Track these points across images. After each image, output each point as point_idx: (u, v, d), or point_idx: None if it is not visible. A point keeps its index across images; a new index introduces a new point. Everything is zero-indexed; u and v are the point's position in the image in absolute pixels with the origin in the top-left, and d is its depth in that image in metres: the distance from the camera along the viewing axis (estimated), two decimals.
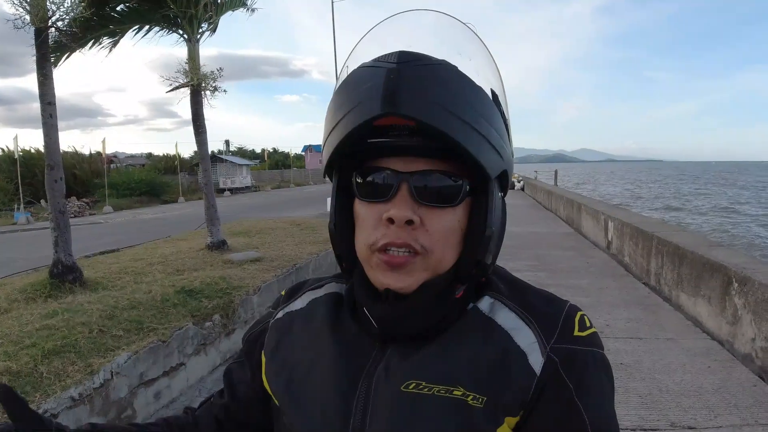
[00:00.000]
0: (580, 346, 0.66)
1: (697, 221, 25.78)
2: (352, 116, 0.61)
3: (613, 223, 8.44)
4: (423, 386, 0.65)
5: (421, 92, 0.58)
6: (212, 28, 7.17)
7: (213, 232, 6.97)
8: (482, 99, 0.63)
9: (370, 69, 0.61)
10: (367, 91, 0.60)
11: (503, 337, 0.67)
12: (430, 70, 0.60)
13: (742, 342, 4.09)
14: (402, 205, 0.63)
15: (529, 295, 0.73)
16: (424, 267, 0.65)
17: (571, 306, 0.71)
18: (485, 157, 0.62)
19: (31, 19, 4.73)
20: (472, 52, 0.69)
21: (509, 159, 0.68)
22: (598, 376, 0.66)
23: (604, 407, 0.66)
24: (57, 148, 4.91)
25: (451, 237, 0.66)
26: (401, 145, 0.63)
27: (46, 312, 3.81)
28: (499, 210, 0.69)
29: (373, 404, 0.66)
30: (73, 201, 24.26)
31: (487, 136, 0.62)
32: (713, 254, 4.90)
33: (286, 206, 20.26)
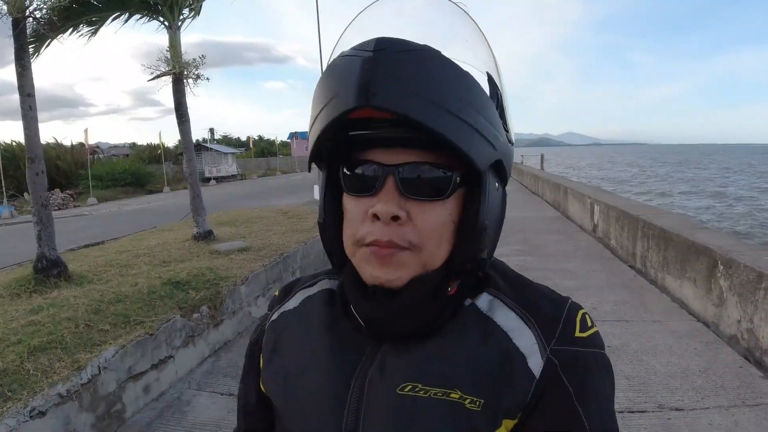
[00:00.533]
0: (582, 348, 0.65)
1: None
2: (329, 109, 0.59)
3: (599, 206, 8.49)
4: (419, 389, 0.63)
5: (397, 82, 0.55)
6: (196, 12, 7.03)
7: (199, 222, 6.91)
8: (470, 86, 0.59)
9: (348, 58, 0.58)
10: (343, 82, 0.57)
11: (502, 338, 0.65)
12: (409, 57, 0.56)
13: (728, 324, 4.15)
14: (388, 199, 0.61)
15: (529, 292, 0.70)
16: (415, 261, 0.62)
17: (572, 305, 0.69)
18: (473, 148, 0.58)
19: (8, 9, 4.62)
20: (467, 34, 0.65)
21: (505, 148, 0.65)
22: (600, 379, 0.65)
23: (604, 410, 0.64)
24: (37, 140, 4.82)
25: (441, 232, 0.63)
26: (386, 136, 0.60)
27: (31, 308, 3.76)
28: (496, 202, 0.66)
29: (367, 404, 0.65)
30: (57, 193, 23.96)
31: (476, 125, 0.58)
32: (698, 237, 4.96)
33: (272, 194, 20.17)
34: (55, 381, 2.78)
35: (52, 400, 2.69)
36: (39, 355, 3.00)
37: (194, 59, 6.94)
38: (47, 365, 2.92)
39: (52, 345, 3.13)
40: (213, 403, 3.47)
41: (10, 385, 2.69)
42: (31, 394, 2.66)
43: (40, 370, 2.87)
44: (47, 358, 2.99)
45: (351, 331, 0.71)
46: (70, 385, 2.82)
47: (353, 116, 0.57)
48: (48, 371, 2.87)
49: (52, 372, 2.86)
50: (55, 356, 3.02)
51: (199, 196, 7.06)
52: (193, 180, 7.21)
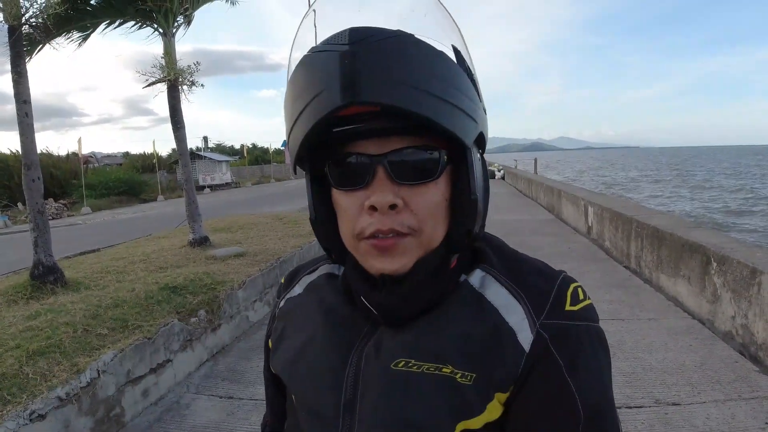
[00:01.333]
0: (572, 321, 0.65)
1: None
2: (312, 108, 0.58)
3: (593, 208, 8.54)
4: (412, 364, 0.64)
5: (381, 74, 0.55)
6: (188, 21, 7.07)
7: (195, 229, 6.90)
8: (447, 64, 0.60)
9: (323, 54, 0.57)
10: (325, 79, 0.56)
11: (493, 314, 0.66)
12: (387, 46, 0.56)
13: (723, 320, 4.18)
14: (382, 189, 0.61)
15: (521, 267, 0.71)
16: (417, 245, 0.63)
17: (564, 278, 0.69)
18: (459, 126, 0.59)
19: (5, 16, 4.64)
20: (425, 7, 0.65)
21: (483, 119, 0.66)
22: (592, 352, 0.65)
23: (597, 383, 0.64)
24: (34, 147, 4.82)
25: (437, 211, 0.64)
26: (371, 129, 0.60)
27: (29, 313, 3.75)
28: (480, 171, 0.66)
29: (363, 381, 0.67)
30: (51, 203, 23.87)
31: (458, 103, 0.59)
32: (692, 235, 5.00)
33: (267, 201, 20.15)
34: (54, 384, 2.78)
35: (51, 403, 2.69)
36: (38, 360, 3.00)
37: (189, 66, 6.98)
38: (46, 369, 2.92)
39: (51, 349, 3.13)
40: (212, 406, 3.46)
41: (9, 389, 2.69)
42: (31, 397, 2.65)
43: (39, 373, 2.86)
44: (46, 362, 2.99)
45: (350, 312, 0.73)
46: (70, 389, 2.82)
47: (342, 113, 0.57)
48: (47, 375, 2.87)
49: (52, 376, 2.86)
50: (54, 360, 3.02)
51: (194, 202, 7.06)
52: (189, 187, 7.20)
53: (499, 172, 26.67)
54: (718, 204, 25.81)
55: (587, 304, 0.67)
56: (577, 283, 0.70)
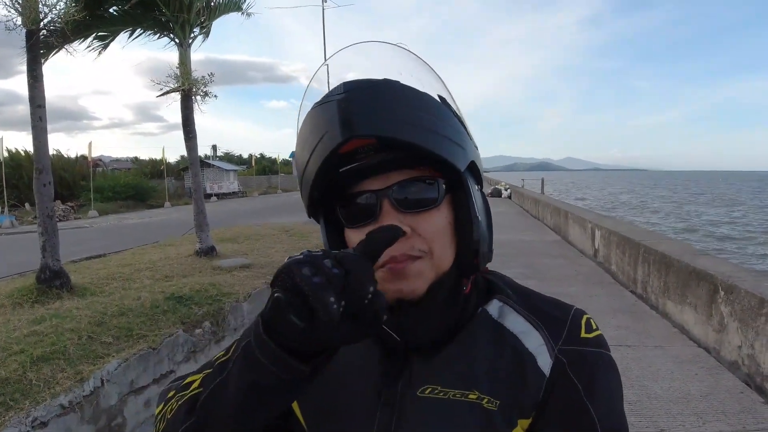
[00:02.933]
0: (588, 348, 0.68)
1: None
2: (318, 151, 0.64)
3: (600, 231, 8.51)
4: (438, 391, 0.67)
5: (372, 111, 0.62)
6: (205, 33, 7.15)
7: (202, 238, 6.93)
8: (431, 103, 0.66)
9: (323, 105, 0.64)
10: (326, 124, 0.63)
11: (513, 341, 0.69)
12: (376, 90, 0.63)
13: (729, 350, 4.15)
14: (390, 220, 0.64)
15: (535, 300, 0.75)
16: (429, 267, 0.66)
17: (577, 310, 0.73)
18: (449, 152, 0.64)
19: (23, 20, 4.70)
20: (412, 69, 0.71)
21: (473, 151, 0.70)
22: (607, 377, 0.68)
23: (613, 407, 0.67)
24: (46, 151, 4.87)
25: (444, 234, 0.67)
26: (372, 164, 0.65)
27: (34, 318, 3.77)
28: (480, 200, 0.71)
29: (399, 410, 0.68)
30: (58, 205, 24.01)
31: (445, 133, 0.64)
32: (699, 263, 4.97)
33: (274, 212, 20.19)
34: (57, 392, 2.78)
35: (54, 410, 2.69)
36: (42, 366, 3.01)
37: (203, 77, 7.05)
38: (50, 376, 2.92)
39: (55, 355, 3.13)
40: None
41: (12, 395, 2.69)
42: (33, 404, 2.66)
43: (42, 380, 2.87)
44: (50, 369, 2.99)
45: (372, 343, 0.73)
46: (73, 397, 2.82)
47: (342, 150, 0.62)
48: (50, 382, 2.87)
49: (55, 383, 2.86)
50: (57, 367, 3.03)
51: (203, 212, 7.10)
52: (198, 196, 7.25)
53: (506, 191, 26.63)
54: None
55: (600, 334, 0.71)
56: (589, 314, 0.74)
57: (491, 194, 26.03)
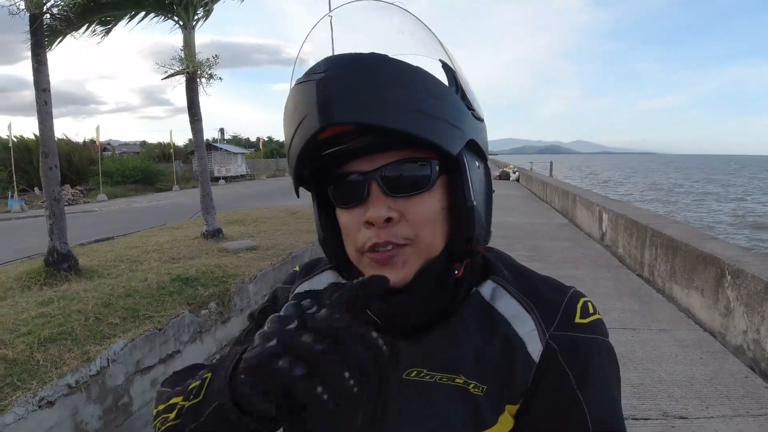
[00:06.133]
0: (582, 334, 0.66)
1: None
2: (298, 136, 0.62)
3: (607, 214, 8.47)
4: (425, 374, 0.66)
5: (352, 95, 0.58)
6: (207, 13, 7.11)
7: (208, 221, 6.96)
8: (423, 78, 0.62)
9: (303, 84, 0.61)
10: (305, 107, 0.60)
11: (503, 325, 0.67)
12: (359, 67, 0.59)
13: (734, 334, 4.14)
14: (376, 204, 0.63)
15: (532, 281, 0.72)
16: (416, 255, 0.65)
17: (574, 292, 0.71)
18: (440, 136, 0.60)
19: (26, 5, 4.70)
20: (412, 30, 0.68)
21: (474, 126, 0.67)
22: (601, 366, 0.65)
23: (606, 397, 0.64)
24: (52, 135, 4.90)
25: (434, 220, 0.65)
26: (357, 147, 0.62)
27: (42, 300, 3.81)
28: (480, 179, 0.68)
29: (383, 391, 0.68)
30: (67, 189, 24.17)
31: (437, 113, 0.61)
32: (707, 247, 4.94)
33: (281, 195, 20.21)
34: (64, 372, 2.82)
35: (60, 390, 2.73)
36: (49, 346, 3.05)
37: (207, 59, 7.03)
38: (57, 356, 2.96)
39: (62, 336, 3.18)
40: None
41: (19, 375, 2.74)
42: (41, 384, 2.70)
43: (49, 360, 2.91)
44: (57, 349, 3.03)
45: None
46: (79, 376, 2.86)
47: (323, 136, 0.60)
48: (57, 362, 2.91)
49: (62, 363, 2.91)
50: (64, 347, 3.07)
51: (209, 194, 7.12)
52: (204, 178, 7.27)
53: (514, 174, 26.55)
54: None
55: (597, 319, 0.69)
56: (586, 297, 0.71)
57: (499, 177, 25.97)
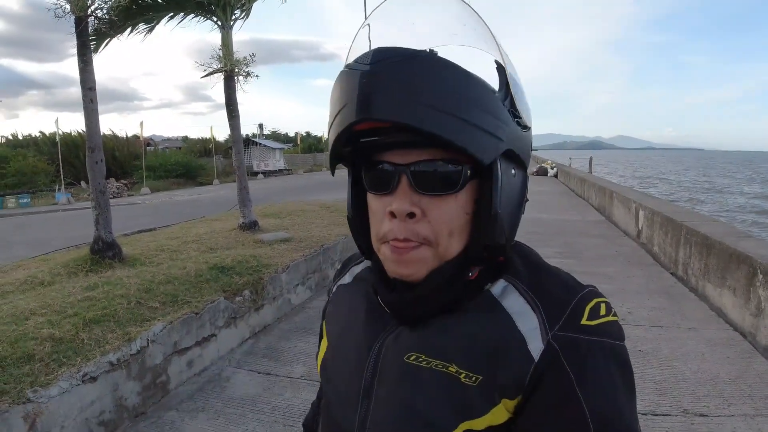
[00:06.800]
0: (586, 336, 0.64)
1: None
2: (337, 122, 0.64)
3: (644, 211, 8.34)
4: (422, 359, 0.68)
5: (393, 92, 0.59)
6: (246, 13, 7.30)
7: (245, 213, 7.17)
8: (468, 83, 0.62)
9: (350, 72, 0.62)
10: (347, 95, 0.62)
11: (506, 321, 0.67)
12: (404, 66, 0.60)
13: (765, 334, 4.07)
14: (402, 197, 0.65)
15: (546, 279, 0.71)
16: (432, 255, 0.67)
17: (588, 293, 0.69)
18: (474, 144, 0.61)
19: (72, 8, 4.94)
20: (474, 23, 0.67)
21: (515, 135, 0.67)
22: (605, 368, 0.63)
23: (609, 400, 0.62)
24: (97, 131, 5.14)
25: (454, 224, 0.67)
26: (393, 141, 0.65)
27: (87, 285, 4.04)
28: (513, 188, 0.68)
29: (381, 370, 0.72)
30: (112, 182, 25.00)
31: (475, 121, 0.61)
32: (741, 245, 4.85)
33: (317, 189, 20.47)
34: (106, 350, 3.02)
35: (103, 367, 2.93)
36: (93, 327, 3.26)
37: (245, 57, 7.22)
38: (100, 336, 3.16)
39: (106, 318, 3.38)
40: (251, 381, 3.67)
41: (65, 352, 2.94)
42: (84, 361, 2.89)
43: (93, 339, 3.11)
44: (100, 330, 3.24)
45: (380, 306, 0.78)
46: (120, 355, 3.06)
47: (359, 128, 0.63)
48: (101, 341, 3.11)
49: (105, 342, 3.10)
50: (107, 328, 3.27)
51: (246, 188, 7.33)
52: (241, 173, 7.48)
53: (552, 169, 26.19)
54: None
55: (607, 321, 0.66)
56: (602, 298, 0.69)
57: (537, 173, 25.67)
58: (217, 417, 3.20)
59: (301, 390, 3.53)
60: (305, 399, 3.39)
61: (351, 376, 0.76)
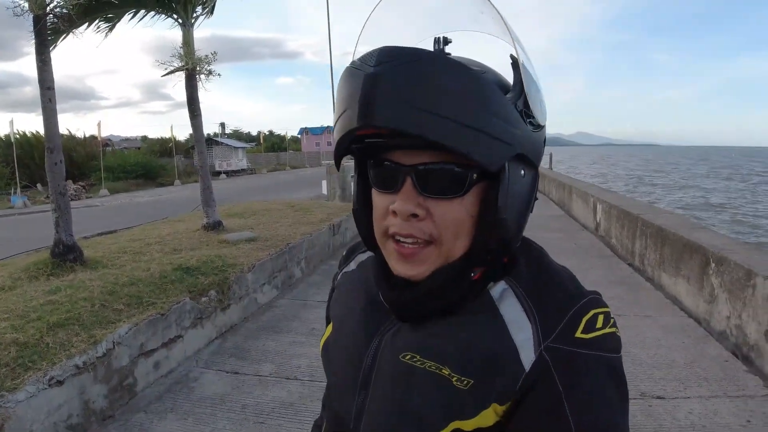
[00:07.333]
0: (579, 349, 0.63)
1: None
2: (340, 123, 0.64)
3: (601, 205, 8.59)
4: (417, 359, 0.69)
5: (396, 98, 0.58)
6: (208, 11, 7.22)
7: (209, 213, 7.10)
8: (474, 87, 0.60)
9: (354, 72, 0.61)
10: (350, 98, 0.61)
11: (501, 328, 0.67)
12: (408, 70, 0.58)
13: (718, 320, 4.26)
14: (406, 198, 0.64)
15: (547, 285, 0.70)
16: (436, 255, 0.67)
17: (587, 302, 0.67)
18: (479, 150, 0.60)
19: (30, 6, 4.82)
20: (491, 12, 0.65)
21: (527, 138, 0.65)
22: (597, 382, 0.62)
23: (599, 415, 0.61)
24: (57, 131, 5.01)
25: (459, 226, 0.66)
26: (397, 143, 0.64)
27: (49, 288, 3.96)
28: (522, 189, 0.67)
29: (378, 365, 0.74)
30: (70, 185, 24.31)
31: (482, 126, 0.59)
32: (694, 236, 5.05)
33: (281, 189, 20.36)
34: (72, 354, 2.97)
35: (69, 370, 2.89)
36: (57, 331, 3.20)
37: (206, 56, 7.14)
38: (65, 339, 3.11)
39: (70, 322, 3.33)
40: (219, 380, 3.66)
41: (30, 357, 2.88)
42: (50, 364, 2.85)
43: (58, 343, 3.06)
44: (65, 333, 3.18)
45: (381, 300, 0.78)
46: (86, 358, 3.02)
47: (361, 132, 0.62)
48: (66, 345, 3.06)
49: (70, 345, 3.05)
50: (72, 332, 3.22)
51: (209, 188, 7.25)
52: (204, 172, 7.40)
53: None
54: None
55: (604, 334, 0.65)
56: (602, 309, 0.67)
57: None
58: (186, 417, 3.19)
59: (270, 387, 3.54)
60: (274, 396, 3.41)
61: (350, 365, 0.78)
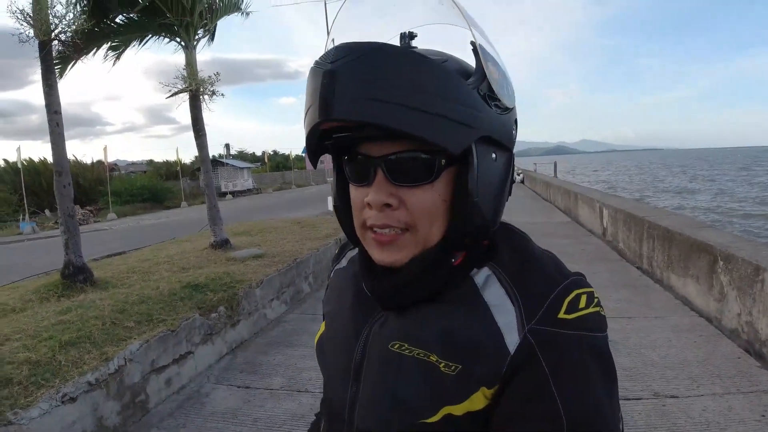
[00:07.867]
0: (563, 329, 0.63)
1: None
2: (306, 120, 0.66)
3: (607, 210, 8.58)
4: (405, 348, 0.71)
5: (352, 91, 0.60)
6: (210, 35, 7.35)
7: (216, 232, 7.15)
8: (432, 74, 0.61)
9: (315, 70, 0.63)
10: (311, 96, 0.63)
11: (485, 313, 0.68)
12: (364, 63, 0.60)
13: (729, 318, 4.24)
14: (379, 189, 0.67)
15: (529, 268, 0.70)
16: (413, 242, 0.69)
17: (570, 283, 0.68)
18: (441, 135, 0.61)
19: (35, 32, 4.92)
20: (446, 2, 0.66)
21: (492, 120, 0.66)
22: (581, 361, 0.63)
23: (585, 394, 0.62)
24: (64, 155, 5.09)
25: (433, 212, 0.67)
26: (364, 135, 0.65)
27: (60, 309, 4.00)
28: (493, 172, 0.69)
29: (368, 355, 0.76)
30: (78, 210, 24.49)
31: (439, 111, 0.60)
32: (700, 235, 5.04)
33: (287, 207, 20.42)
34: (84, 371, 3.00)
35: (81, 387, 2.91)
36: (69, 349, 3.23)
37: (209, 76, 7.26)
38: (77, 357, 3.14)
39: (82, 340, 3.36)
40: (230, 395, 3.67)
41: (43, 374, 2.91)
42: (63, 382, 2.87)
43: (70, 361, 3.09)
44: (77, 351, 3.21)
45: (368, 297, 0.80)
46: (99, 375, 3.04)
47: (325, 127, 0.63)
48: (78, 362, 3.09)
49: (82, 363, 3.08)
50: (84, 350, 3.25)
51: (215, 206, 7.32)
52: (210, 191, 7.46)
53: (518, 176, 26.66)
54: None
55: (587, 313, 0.66)
56: (585, 289, 0.68)
57: None
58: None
59: (281, 400, 3.54)
60: (286, 409, 3.41)
61: (341, 357, 0.80)
